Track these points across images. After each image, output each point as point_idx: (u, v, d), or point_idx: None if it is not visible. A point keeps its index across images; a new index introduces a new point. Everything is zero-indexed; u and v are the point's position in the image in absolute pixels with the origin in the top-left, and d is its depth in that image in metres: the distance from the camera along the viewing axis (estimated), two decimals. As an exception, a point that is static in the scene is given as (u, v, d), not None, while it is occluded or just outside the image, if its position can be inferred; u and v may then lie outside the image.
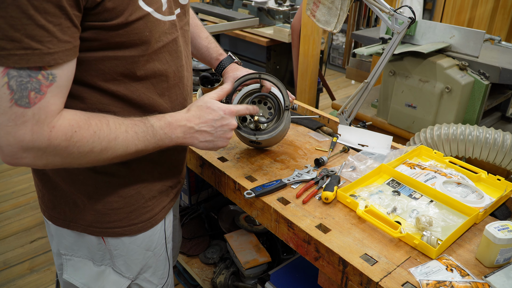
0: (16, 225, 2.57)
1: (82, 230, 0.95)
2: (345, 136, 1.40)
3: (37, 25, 0.62)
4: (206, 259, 1.85)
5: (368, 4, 1.23)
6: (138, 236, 0.99)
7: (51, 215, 0.97)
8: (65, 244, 0.99)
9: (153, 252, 1.04)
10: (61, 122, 0.70)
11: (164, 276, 1.13)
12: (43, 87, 0.66)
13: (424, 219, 0.96)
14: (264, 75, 1.15)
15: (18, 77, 0.64)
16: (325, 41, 3.02)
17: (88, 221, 0.94)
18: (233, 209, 1.94)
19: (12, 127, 0.65)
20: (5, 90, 0.63)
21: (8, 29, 0.61)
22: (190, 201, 1.99)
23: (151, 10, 0.78)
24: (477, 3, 3.07)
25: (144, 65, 0.83)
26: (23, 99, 0.65)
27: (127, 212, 0.95)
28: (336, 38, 5.41)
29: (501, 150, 1.59)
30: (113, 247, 0.97)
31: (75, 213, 0.94)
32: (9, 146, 0.67)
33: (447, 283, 0.82)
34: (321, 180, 1.16)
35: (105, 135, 0.76)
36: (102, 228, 0.95)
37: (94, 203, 0.92)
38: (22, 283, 2.16)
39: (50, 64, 0.66)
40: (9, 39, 0.61)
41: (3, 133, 0.66)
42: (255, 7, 3.30)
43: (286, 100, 1.15)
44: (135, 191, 0.95)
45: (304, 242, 0.99)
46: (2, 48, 0.62)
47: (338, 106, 2.45)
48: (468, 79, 1.85)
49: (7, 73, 0.63)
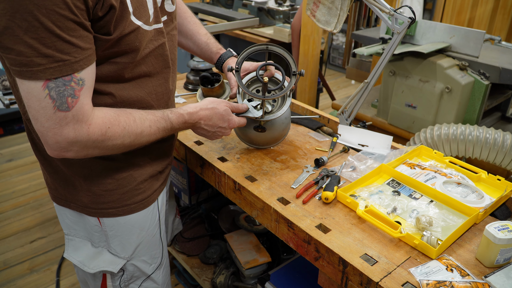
0: (16, 225, 2.57)
1: (80, 211, 1.05)
2: (345, 136, 1.40)
3: (63, 40, 0.73)
4: (206, 259, 1.85)
5: (368, 4, 1.23)
6: (131, 216, 1.07)
7: (55, 196, 1.08)
8: (67, 223, 1.10)
9: (146, 232, 1.12)
10: (95, 120, 0.84)
11: (158, 256, 1.20)
12: (76, 92, 0.79)
13: (424, 219, 0.96)
14: (272, 47, 1.19)
15: (56, 88, 0.75)
16: (325, 41, 3.02)
17: (85, 202, 1.03)
18: (233, 209, 1.94)
19: (58, 129, 0.79)
20: (48, 100, 0.76)
21: (41, 47, 0.71)
22: (190, 201, 1.99)
23: (140, 23, 0.87)
24: (477, 3, 3.07)
25: (132, 69, 0.93)
26: (63, 105, 0.77)
27: (120, 194, 1.03)
28: (336, 38, 5.41)
29: (501, 150, 1.59)
30: (109, 228, 1.06)
31: (73, 194, 1.03)
32: (57, 143, 0.81)
33: (447, 283, 0.82)
34: (321, 180, 1.16)
35: (133, 130, 0.90)
36: (98, 209, 1.03)
37: (90, 184, 1.01)
38: (22, 283, 2.16)
39: (78, 71, 0.77)
40: (44, 55, 0.72)
41: (51, 134, 0.79)
42: (255, 7, 3.30)
43: (293, 66, 1.17)
44: (127, 173, 1.03)
45: (304, 242, 0.99)
46: (38, 64, 0.72)
47: (338, 106, 2.45)
48: (468, 79, 1.85)
49: (47, 86, 0.75)
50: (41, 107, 0.76)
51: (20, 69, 0.73)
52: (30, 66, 0.72)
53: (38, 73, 0.73)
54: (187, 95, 1.75)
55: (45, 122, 0.78)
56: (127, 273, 1.14)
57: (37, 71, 0.73)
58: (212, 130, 1.10)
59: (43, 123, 0.78)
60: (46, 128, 0.79)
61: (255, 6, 3.30)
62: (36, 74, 0.73)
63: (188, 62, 1.87)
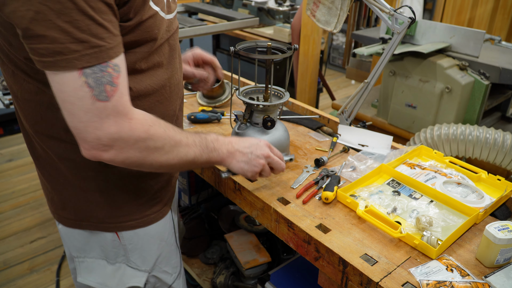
0: (16, 225, 2.57)
1: (94, 228, 0.96)
2: (345, 136, 1.40)
3: (97, 24, 0.67)
4: (206, 259, 1.85)
5: (368, 4, 1.23)
6: (151, 227, 1.00)
7: (61, 216, 0.97)
8: (77, 245, 0.99)
9: (165, 242, 1.06)
10: (136, 115, 0.76)
11: (177, 265, 1.14)
12: (115, 79, 0.72)
13: (424, 219, 0.96)
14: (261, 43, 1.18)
15: (93, 74, 0.69)
16: (325, 41, 3.02)
17: (101, 218, 0.94)
18: (233, 209, 1.94)
19: (98, 122, 0.71)
20: (85, 89, 0.68)
21: (76, 32, 0.65)
22: (190, 201, 1.99)
23: (158, 9, 0.82)
24: (477, 3, 3.07)
25: (148, 59, 0.87)
26: (102, 93, 0.70)
27: (138, 204, 0.97)
28: (336, 38, 5.41)
29: (501, 150, 1.60)
30: (128, 241, 0.98)
31: (86, 211, 0.94)
32: (97, 139, 0.72)
33: (447, 283, 0.82)
34: (321, 180, 1.16)
35: (172, 135, 0.83)
36: (116, 223, 0.96)
37: (106, 197, 0.93)
38: (22, 283, 2.16)
39: (113, 58, 0.71)
40: (79, 41, 0.66)
41: (91, 129, 0.71)
42: (255, 7, 3.30)
43: None
44: (144, 182, 0.97)
45: (304, 242, 0.99)
46: (74, 51, 0.66)
47: (338, 106, 2.45)
48: (468, 79, 1.85)
49: (83, 73, 0.68)
50: (78, 98, 0.69)
51: (54, 58, 0.66)
52: (64, 54, 0.66)
53: (74, 60, 0.67)
54: (187, 95, 1.75)
55: (83, 116, 0.70)
56: (149, 286, 1.07)
57: (73, 59, 0.66)
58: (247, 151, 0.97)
59: (81, 117, 0.70)
60: (85, 122, 0.71)
61: (255, 6, 3.30)
62: (72, 62, 0.67)
63: (188, 62, 1.87)
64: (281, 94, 1.23)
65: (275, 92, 1.25)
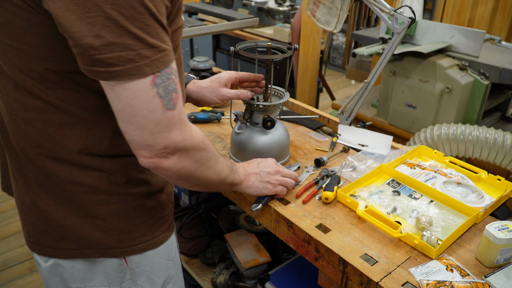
0: (16, 225, 2.56)
1: (100, 255, 0.86)
2: (345, 136, 1.40)
3: (162, 27, 0.65)
4: (206, 259, 1.85)
5: (368, 4, 1.23)
6: (160, 247, 0.93)
7: (57, 249, 0.86)
8: (76, 276, 0.89)
9: (173, 261, 1.00)
10: (191, 125, 0.75)
11: (183, 285, 1.08)
12: (177, 85, 0.69)
13: (424, 219, 0.96)
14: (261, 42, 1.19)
15: (162, 83, 0.66)
16: (325, 41, 3.02)
17: (108, 244, 0.85)
18: (233, 209, 1.94)
19: (167, 132, 0.69)
20: (157, 100, 0.66)
21: (147, 37, 0.62)
22: (190, 201, 1.99)
23: (183, 21, 0.81)
24: (477, 3, 3.07)
25: None
26: (170, 102, 0.67)
27: (149, 225, 0.90)
28: (336, 38, 5.41)
29: (501, 150, 1.60)
30: (136, 264, 0.91)
31: (91, 238, 0.84)
32: (164, 149, 0.70)
33: (447, 283, 0.82)
34: (321, 180, 1.16)
35: (214, 150, 0.82)
36: (125, 248, 0.87)
37: (117, 221, 0.85)
38: (22, 283, 2.16)
39: (172, 61, 0.68)
40: (150, 46, 0.63)
41: (160, 139, 0.69)
42: (255, 7, 3.30)
43: None
44: (155, 200, 0.91)
45: (304, 242, 0.99)
46: (145, 57, 0.63)
47: (338, 106, 2.45)
48: (468, 79, 1.85)
49: (155, 83, 0.65)
50: (150, 110, 0.65)
51: (125, 66, 0.62)
52: (136, 61, 0.62)
53: (145, 67, 0.63)
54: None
55: (155, 127, 0.67)
56: None
57: (144, 66, 0.63)
58: (258, 171, 1.00)
59: (152, 129, 0.67)
60: (155, 133, 0.68)
61: (255, 6, 3.30)
62: (143, 69, 0.63)
63: (188, 62, 1.87)
64: (281, 94, 1.23)
65: (275, 92, 1.25)
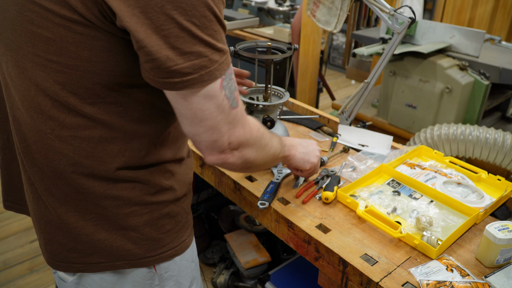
0: (16, 225, 2.56)
1: (131, 266, 0.85)
2: (345, 136, 1.40)
3: (224, 30, 0.66)
4: (206, 259, 1.85)
5: (368, 4, 1.23)
6: (187, 251, 0.94)
7: (86, 264, 0.84)
8: (105, 287, 0.88)
9: (195, 263, 1.01)
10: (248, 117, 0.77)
11: (202, 284, 1.09)
12: (236, 83, 0.72)
13: (424, 219, 0.96)
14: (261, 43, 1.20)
15: (227, 84, 0.68)
16: (325, 41, 3.02)
17: (140, 254, 0.85)
18: (233, 209, 1.94)
19: (232, 130, 0.71)
20: (225, 102, 0.68)
21: (216, 43, 0.64)
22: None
23: None
24: (477, 3, 3.07)
25: None
26: (234, 101, 0.70)
27: (177, 231, 0.90)
28: (336, 38, 5.41)
29: (501, 150, 1.60)
30: (164, 270, 0.90)
31: (122, 251, 0.83)
32: (229, 145, 0.72)
33: (447, 283, 0.82)
34: (321, 180, 1.16)
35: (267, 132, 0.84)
36: (156, 256, 0.87)
37: (149, 231, 0.84)
38: (22, 283, 2.16)
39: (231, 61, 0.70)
40: (218, 50, 0.65)
41: (226, 137, 0.71)
42: (255, 7, 3.30)
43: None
44: (180, 207, 0.90)
45: (304, 242, 0.99)
46: (215, 62, 0.64)
47: (338, 106, 2.45)
48: (468, 79, 1.85)
49: (223, 85, 0.67)
50: (220, 112, 0.67)
51: (198, 74, 0.63)
52: (207, 67, 0.64)
53: (215, 72, 0.65)
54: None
55: (223, 127, 0.69)
56: None
57: (214, 70, 0.65)
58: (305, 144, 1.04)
59: (221, 128, 0.69)
60: (223, 133, 0.70)
61: (255, 6, 3.30)
62: (214, 74, 0.65)
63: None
64: (281, 94, 1.23)
65: (275, 92, 1.25)
